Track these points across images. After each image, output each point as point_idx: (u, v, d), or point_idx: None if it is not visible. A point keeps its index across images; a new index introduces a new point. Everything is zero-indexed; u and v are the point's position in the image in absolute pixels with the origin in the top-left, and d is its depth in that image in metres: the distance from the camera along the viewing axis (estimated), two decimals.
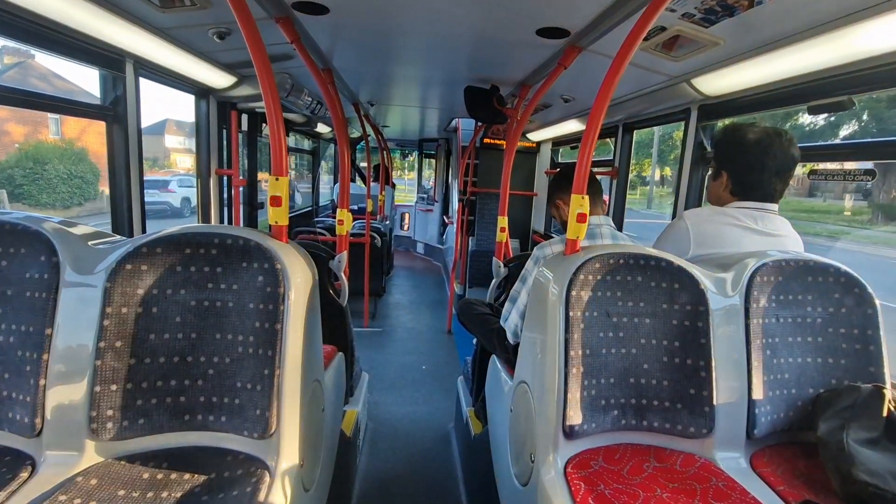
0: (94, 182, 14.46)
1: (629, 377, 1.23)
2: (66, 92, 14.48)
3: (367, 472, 2.38)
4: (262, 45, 1.18)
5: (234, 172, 2.85)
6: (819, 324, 1.29)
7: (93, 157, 14.46)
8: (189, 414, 1.14)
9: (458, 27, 1.71)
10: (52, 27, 1.47)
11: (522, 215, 5.13)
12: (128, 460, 1.08)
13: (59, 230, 1.15)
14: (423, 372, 3.65)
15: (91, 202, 14.32)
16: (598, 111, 1.23)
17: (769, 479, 1.14)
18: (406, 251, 8.75)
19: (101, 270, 1.12)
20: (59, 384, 1.08)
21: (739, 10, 1.23)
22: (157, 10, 1.54)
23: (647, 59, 1.72)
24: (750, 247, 1.38)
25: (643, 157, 24.67)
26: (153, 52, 1.89)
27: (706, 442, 1.22)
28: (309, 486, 1.26)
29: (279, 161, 1.25)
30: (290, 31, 1.62)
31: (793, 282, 1.29)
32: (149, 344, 1.12)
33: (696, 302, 1.23)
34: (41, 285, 1.10)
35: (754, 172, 1.40)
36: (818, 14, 1.18)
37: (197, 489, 1.02)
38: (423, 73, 2.69)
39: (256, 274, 1.15)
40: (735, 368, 1.23)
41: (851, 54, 1.29)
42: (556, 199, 1.79)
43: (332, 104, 2.20)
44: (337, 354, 1.84)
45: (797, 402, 1.25)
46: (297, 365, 1.15)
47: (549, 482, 1.13)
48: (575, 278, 1.20)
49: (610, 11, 1.35)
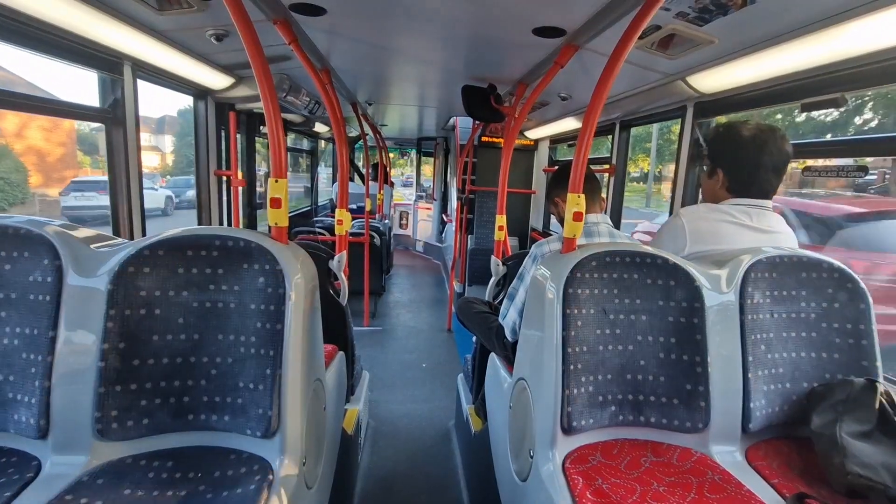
0: (20, 183, 12.83)
1: (626, 373, 1.25)
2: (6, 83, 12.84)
3: (368, 469, 2.40)
4: (260, 47, 1.19)
5: (233, 173, 2.86)
6: (813, 319, 1.31)
7: (34, 155, 12.94)
8: (192, 414, 1.16)
9: (455, 27, 1.72)
10: (50, 31, 1.48)
11: (521, 213, 5.14)
12: (133, 460, 1.10)
13: (61, 233, 1.16)
14: (423, 370, 3.67)
15: (18, 206, 12.44)
16: (594, 109, 1.24)
17: (764, 473, 1.16)
18: (405, 250, 8.76)
19: (103, 273, 1.13)
20: (64, 386, 1.09)
21: (732, 8, 1.24)
22: (155, 13, 1.54)
23: (642, 58, 1.73)
24: (745, 243, 1.39)
25: (640, 153, 24.56)
26: (151, 55, 1.90)
27: (702, 436, 1.23)
28: (311, 484, 1.28)
29: (278, 163, 1.26)
30: (287, 33, 1.63)
31: (787, 278, 1.30)
32: (152, 345, 1.14)
33: (692, 298, 1.25)
34: (44, 288, 1.11)
35: (751, 169, 1.41)
36: (810, 12, 1.19)
37: (201, 488, 1.03)
38: (420, 73, 2.69)
39: (257, 275, 1.16)
40: (730, 364, 1.25)
41: (843, 52, 1.30)
42: (553, 196, 1.81)
43: (330, 104, 2.20)
44: (338, 353, 1.85)
45: (792, 396, 1.27)
46: (298, 364, 1.16)
47: (548, 477, 1.14)
48: (572, 276, 1.21)
49: (605, 11, 1.36)
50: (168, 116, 32.16)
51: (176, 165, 29.40)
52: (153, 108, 22.75)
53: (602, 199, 1.78)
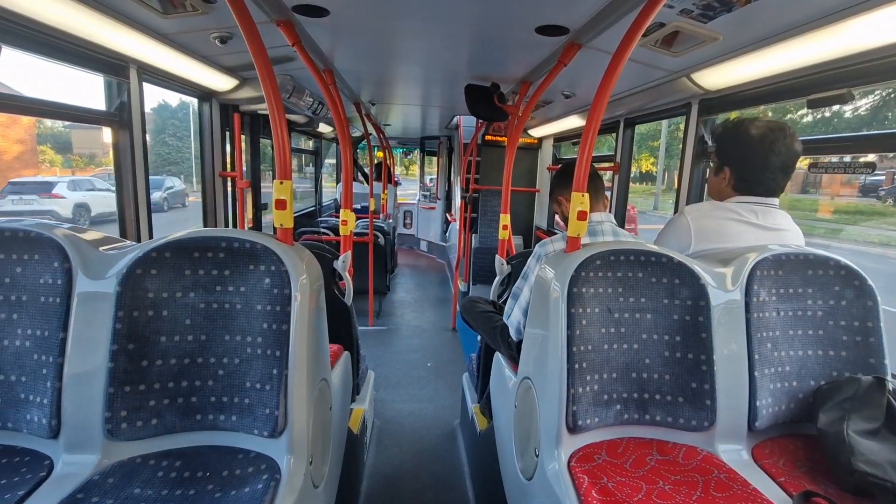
0: None
1: (631, 372, 1.25)
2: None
3: (374, 468, 2.41)
4: (264, 48, 1.20)
5: (237, 175, 2.88)
6: (819, 317, 1.30)
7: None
8: (200, 414, 1.17)
9: (458, 26, 1.72)
10: (58, 36, 1.49)
11: (525, 212, 5.13)
12: (142, 460, 1.11)
13: (71, 236, 1.18)
14: (428, 369, 3.68)
15: None
16: (598, 107, 1.24)
17: (770, 471, 1.16)
18: (410, 249, 8.77)
19: (112, 275, 1.15)
20: (75, 386, 1.11)
21: (737, 5, 1.24)
22: (160, 17, 1.56)
23: (646, 55, 1.73)
24: (751, 241, 1.39)
25: (645, 151, 24.17)
26: (156, 58, 1.91)
27: (708, 434, 1.23)
28: (318, 483, 1.29)
29: (283, 164, 1.27)
30: (290, 34, 1.64)
31: (793, 275, 1.29)
32: (160, 346, 1.15)
33: (697, 297, 1.24)
34: (55, 290, 1.13)
35: (758, 168, 1.39)
36: (815, 8, 1.19)
37: (210, 487, 1.04)
38: (423, 72, 2.70)
39: (263, 276, 1.17)
40: (736, 362, 1.24)
41: (849, 48, 1.29)
42: (557, 195, 1.80)
43: (334, 104, 2.21)
44: (343, 353, 1.86)
45: (798, 394, 1.26)
46: (304, 364, 1.17)
47: (554, 476, 1.15)
48: (577, 275, 1.21)
49: (608, 9, 1.36)
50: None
51: (150, 164, 28.90)
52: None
53: (606, 198, 1.78)
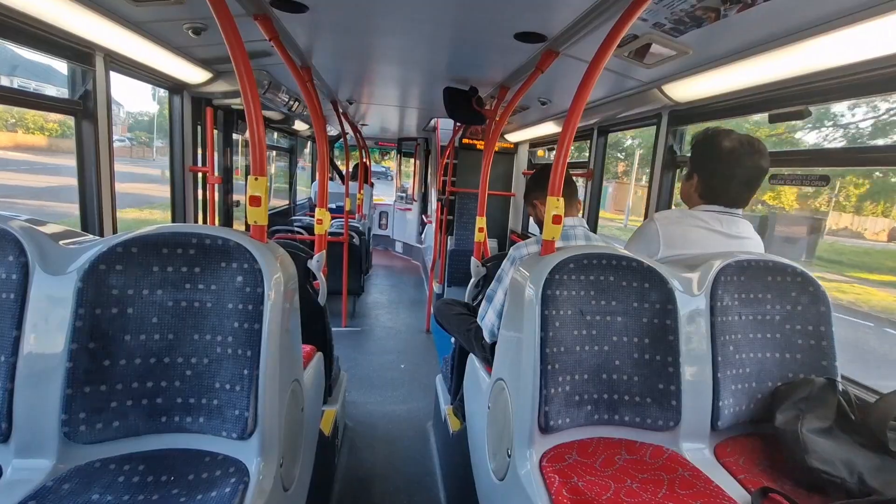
0: None
1: (602, 373, 1.28)
2: None
3: (346, 470, 2.38)
4: (241, 42, 1.17)
5: (209, 170, 2.80)
6: (777, 321, 1.36)
7: None
8: (166, 415, 1.13)
9: (437, 28, 1.73)
10: (17, 17, 1.42)
11: (500, 215, 5.18)
12: (102, 464, 1.06)
13: (28, 229, 1.12)
14: (401, 371, 3.66)
15: None
16: (573, 114, 1.26)
17: (732, 468, 1.21)
18: (385, 250, 8.72)
19: (73, 270, 1.09)
20: (29, 388, 1.05)
21: (707, 21, 1.29)
22: (130, 4, 1.50)
23: (620, 65, 1.78)
24: (715, 248, 1.44)
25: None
26: (125, 46, 1.84)
27: (673, 434, 1.27)
28: (288, 486, 1.26)
29: (258, 160, 1.24)
30: (268, 29, 1.61)
31: (754, 281, 1.35)
32: (124, 345, 1.10)
33: (665, 301, 1.29)
34: (9, 286, 1.07)
35: (723, 180, 1.44)
36: (778, 28, 1.25)
37: (175, 491, 1.01)
38: (402, 73, 2.69)
39: (235, 274, 1.14)
40: (700, 364, 1.29)
41: (808, 66, 1.37)
42: (532, 198, 1.83)
43: (311, 102, 2.18)
44: (316, 354, 1.83)
45: (757, 394, 1.32)
46: (276, 365, 1.15)
47: (525, 476, 1.16)
48: (551, 278, 1.23)
49: (585, 19, 1.40)
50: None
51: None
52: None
53: (579, 202, 1.82)
